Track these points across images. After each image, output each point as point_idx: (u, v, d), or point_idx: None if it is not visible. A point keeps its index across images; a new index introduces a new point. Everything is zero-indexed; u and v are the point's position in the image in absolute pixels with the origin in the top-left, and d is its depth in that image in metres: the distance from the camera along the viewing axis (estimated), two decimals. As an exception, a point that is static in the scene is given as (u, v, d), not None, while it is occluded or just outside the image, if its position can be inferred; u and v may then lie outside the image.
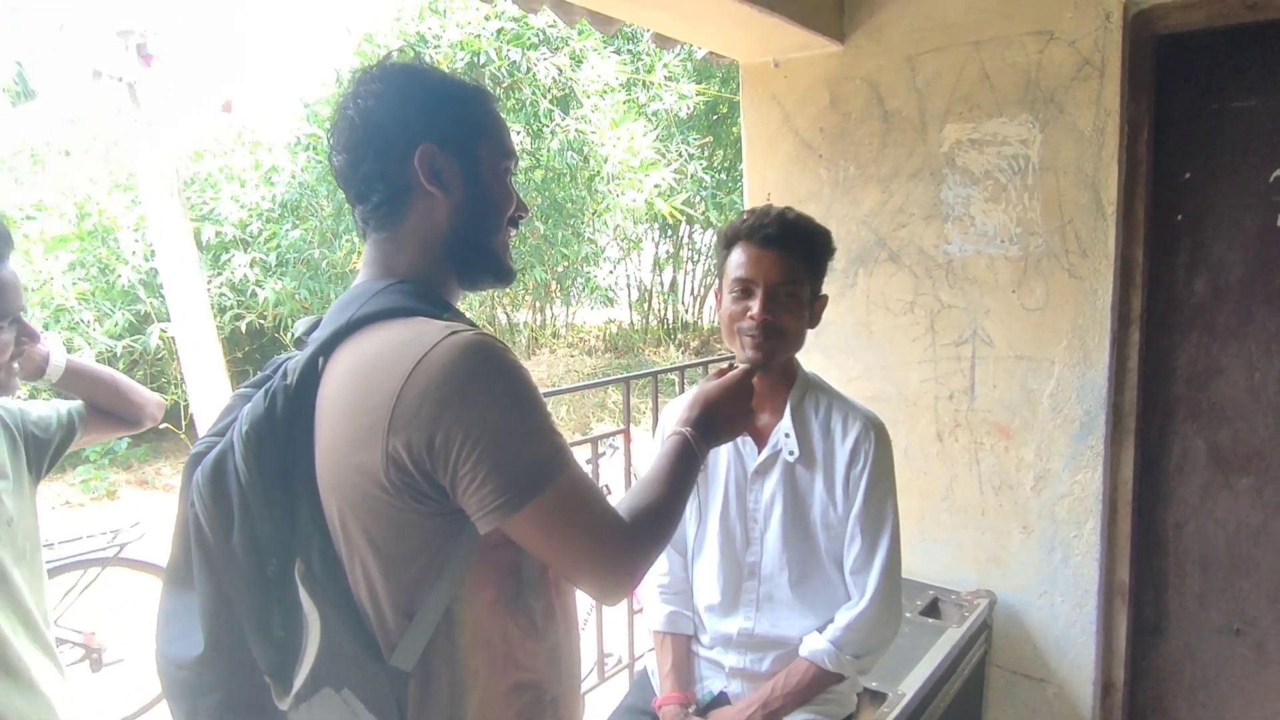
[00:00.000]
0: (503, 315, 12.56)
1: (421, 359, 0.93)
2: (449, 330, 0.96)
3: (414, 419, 0.92)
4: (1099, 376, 2.16)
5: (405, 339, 0.97)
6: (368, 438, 0.95)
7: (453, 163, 1.08)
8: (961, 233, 2.30)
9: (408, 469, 0.93)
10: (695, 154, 9.96)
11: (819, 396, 1.68)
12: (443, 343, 0.94)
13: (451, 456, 0.92)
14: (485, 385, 0.94)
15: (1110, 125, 2.06)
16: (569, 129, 7.97)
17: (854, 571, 1.62)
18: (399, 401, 0.92)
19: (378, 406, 0.94)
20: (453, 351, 0.93)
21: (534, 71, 7.46)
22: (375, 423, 0.94)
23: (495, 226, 1.14)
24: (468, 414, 0.92)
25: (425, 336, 0.95)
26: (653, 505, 1.10)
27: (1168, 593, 2.28)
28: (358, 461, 0.96)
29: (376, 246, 1.11)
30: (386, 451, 0.93)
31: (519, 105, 8.09)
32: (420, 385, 0.92)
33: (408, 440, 0.92)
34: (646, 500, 1.10)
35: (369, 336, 1.00)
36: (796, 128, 2.54)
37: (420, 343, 0.95)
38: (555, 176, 8.98)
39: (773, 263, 1.56)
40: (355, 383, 0.98)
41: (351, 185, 1.10)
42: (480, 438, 0.92)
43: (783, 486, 1.66)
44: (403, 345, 0.96)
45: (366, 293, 1.06)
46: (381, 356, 0.97)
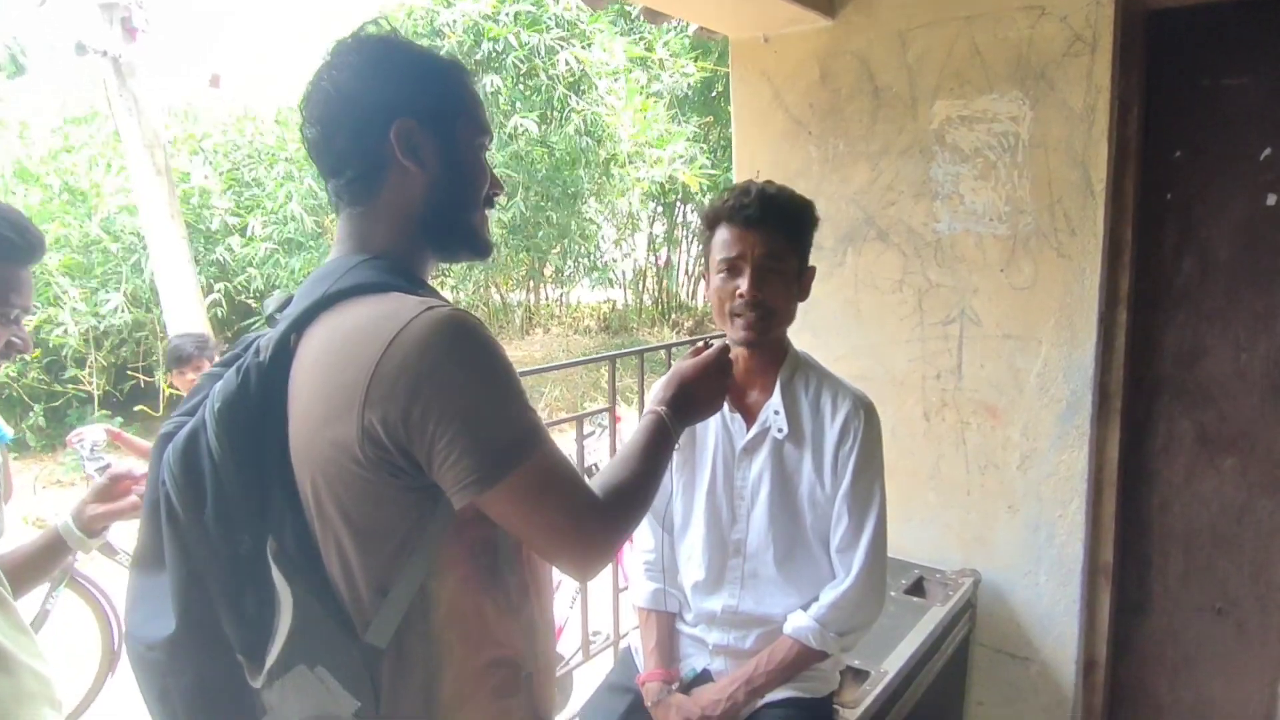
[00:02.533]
0: (497, 295, 12.53)
1: (398, 334, 0.92)
2: (425, 306, 0.95)
3: (390, 393, 0.91)
4: (1086, 356, 2.15)
5: (381, 314, 0.96)
6: (343, 412, 0.94)
7: (429, 138, 1.06)
8: (951, 211, 2.29)
9: (383, 443, 0.92)
10: (697, 134, 9.93)
11: (809, 374, 1.67)
12: (419, 318, 0.93)
13: (427, 432, 0.92)
14: (461, 361, 0.93)
15: (1101, 102, 2.04)
16: (584, 111, 7.94)
17: (840, 550, 1.62)
18: (375, 375, 0.91)
19: (353, 381, 0.93)
20: (429, 326, 0.92)
21: (552, 57, 7.41)
22: (351, 397, 0.93)
23: (472, 202, 1.13)
24: (444, 389, 0.91)
25: (401, 312, 0.94)
26: (625, 483, 1.10)
27: (1151, 572, 2.29)
28: (332, 435, 0.95)
29: (350, 221, 1.09)
30: (362, 425, 0.92)
31: (534, 91, 8.05)
32: (397, 360, 0.91)
33: (383, 414, 0.91)
34: (619, 478, 1.10)
35: (344, 312, 0.99)
36: (786, 104, 2.51)
37: (397, 318, 0.93)
38: (567, 163, 8.95)
39: (757, 240, 1.55)
40: (330, 358, 0.97)
41: (325, 159, 1.08)
42: (456, 413, 0.91)
43: (771, 464, 1.65)
44: (379, 320, 0.95)
45: (340, 268, 1.04)
46: (357, 331, 0.96)
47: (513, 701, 1.10)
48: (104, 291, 7.23)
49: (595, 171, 9.02)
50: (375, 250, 1.06)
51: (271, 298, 1.16)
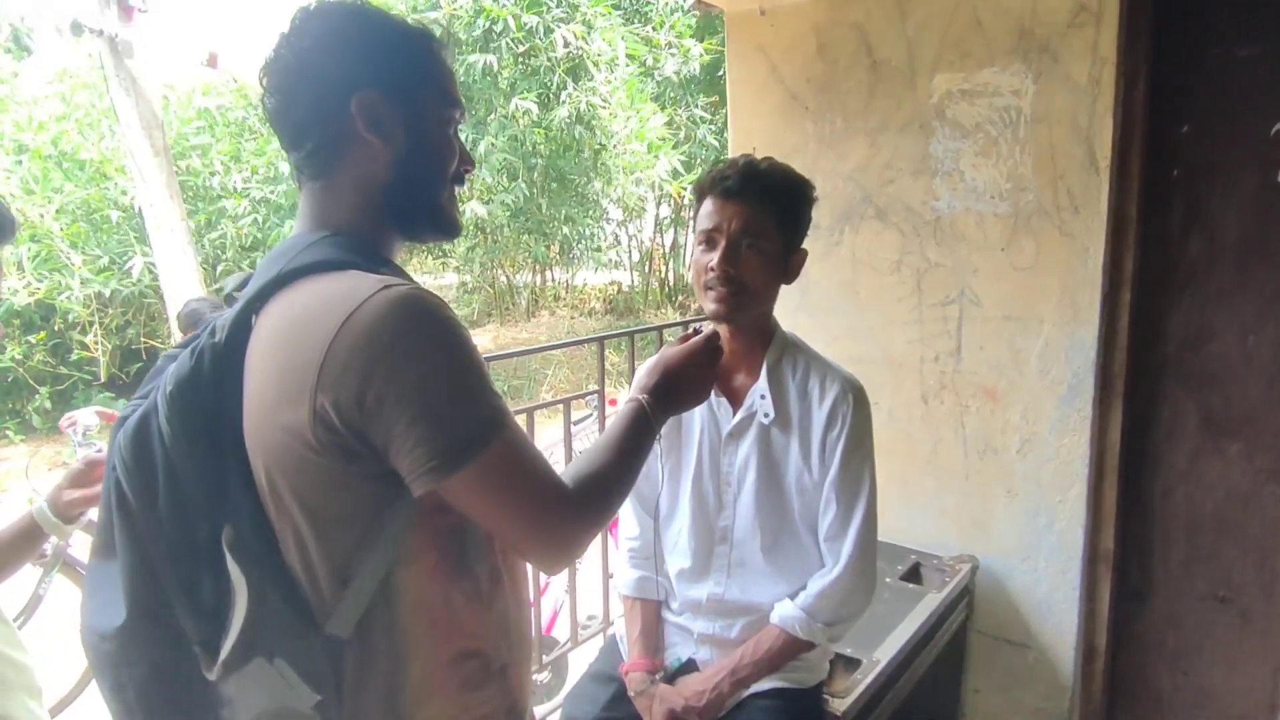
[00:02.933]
0: (503, 277, 12.48)
1: (352, 314, 0.88)
2: (382, 285, 0.91)
3: (343, 376, 0.87)
4: (1088, 338, 2.09)
5: (336, 293, 0.92)
6: (295, 395, 0.90)
7: (393, 110, 1.02)
8: (950, 188, 2.22)
9: (336, 428, 0.89)
10: (704, 118, 9.82)
11: (797, 357, 1.62)
12: (375, 297, 0.89)
13: (383, 416, 0.88)
14: (419, 342, 0.89)
15: (1106, 75, 1.97)
16: (579, 100, 7.84)
17: (828, 539, 1.58)
18: (328, 358, 0.88)
19: (305, 363, 0.89)
20: (385, 306, 0.88)
21: (551, 39, 7.31)
22: (303, 380, 0.89)
23: (438, 179, 1.08)
24: (399, 371, 0.88)
25: (357, 291, 0.90)
26: (599, 473, 1.06)
27: (1153, 559, 2.23)
28: (284, 420, 0.91)
29: (311, 196, 1.05)
30: (314, 410, 0.89)
31: (533, 72, 7.96)
32: (350, 341, 0.87)
33: (336, 398, 0.88)
34: (593, 468, 1.06)
35: (299, 291, 0.95)
36: (783, 78, 2.44)
37: (351, 297, 0.89)
38: (562, 149, 8.87)
39: (734, 213, 1.50)
40: (283, 339, 0.93)
41: (285, 130, 1.04)
42: (412, 397, 0.88)
43: (757, 449, 1.60)
44: (333, 300, 0.91)
45: (298, 245, 1.00)
46: (310, 311, 0.92)
47: (483, 694, 1.06)
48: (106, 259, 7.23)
49: (586, 160, 8.95)
50: (336, 227, 1.02)
51: (231, 276, 1.12)
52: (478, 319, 12.30)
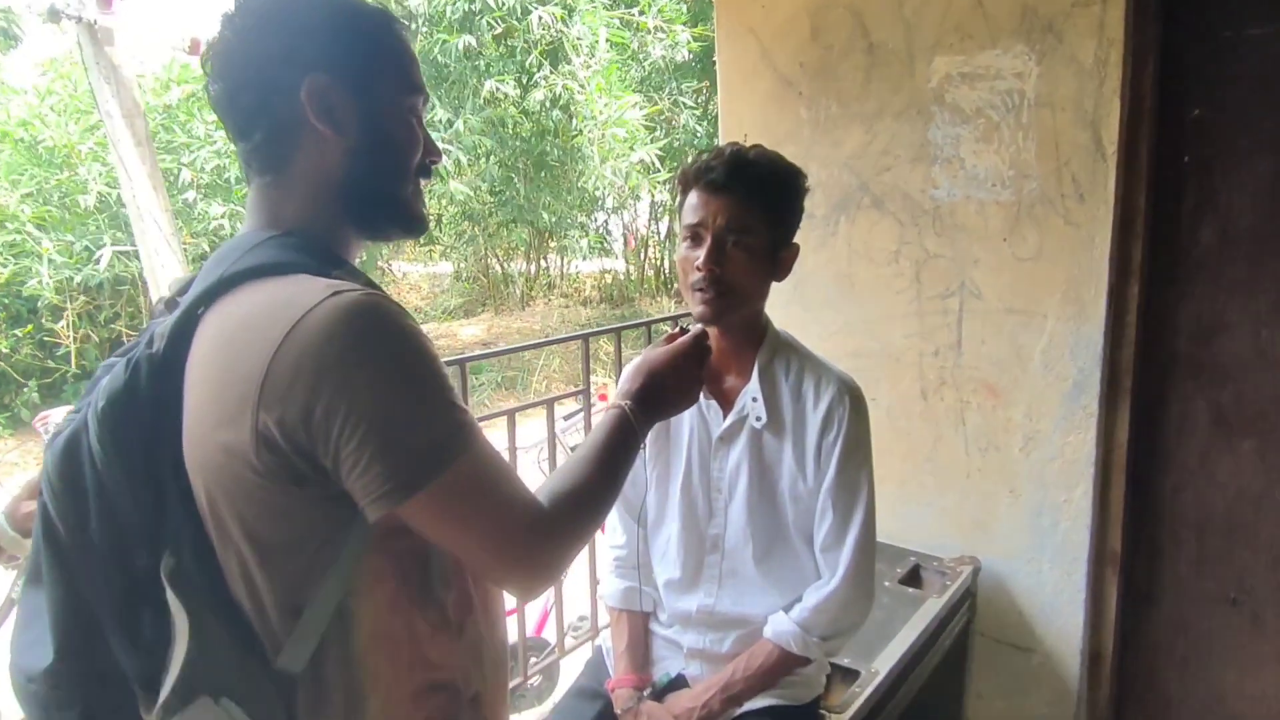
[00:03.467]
0: (497, 265, 12.37)
1: (298, 322, 0.80)
2: (331, 290, 0.82)
3: (288, 391, 0.79)
4: (1094, 332, 2.01)
5: (280, 299, 0.83)
6: (235, 413, 0.81)
7: (346, 97, 0.93)
8: (950, 176, 2.13)
9: (280, 448, 0.80)
10: (689, 103, 9.68)
11: (790, 357, 1.53)
12: (323, 304, 0.80)
13: (333, 434, 0.80)
14: (371, 352, 0.81)
15: (1114, 56, 1.88)
16: (556, 85, 7.70)
17: (824, 548, 1.49)
18: (270, 371, 0.79)
19: (246, 376, 0.81)
20: (334, 313, 0.80)
21: (528, 20, 7.17)
22: (243, 395, 0.81)
23: (399, 172, 0.99)
24: (350, 385, 0.79)
25: (303, 296, 0.82)
26: (578, 489, 0.98)
27: (1161, 560, 2.16)
28: (225, 440, 0.83)
29: (261, 192, 0.96)
30: (256, 428, 0.80)
31: (509, 54, 7.82)
32: (295, 352, 0.79)
33: (280, 415, 0.79)
34: (571, 483, 0.98)
35: (241, 297, 0.87)
36: (775, 63, 2.35)
37: (297, 303, 0.81)
38: (541, 132, 8.73)
39: (720, 208, 1.40)
40: (222, 350, 0.85)
41: (231, 119, 0.95)
42: (365, 412, 0.79)
43: (749, 455, 1.52)
44: (277, 306, 0.82)
45: (243, 246, 0.92)
46: (252, 319, 0.83)
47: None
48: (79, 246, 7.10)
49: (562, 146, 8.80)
50: (286, 225, 0.94)
51: (173, 279, 1.03)
52: (471, 308, 12.21)
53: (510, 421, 1.95)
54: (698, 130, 10.03)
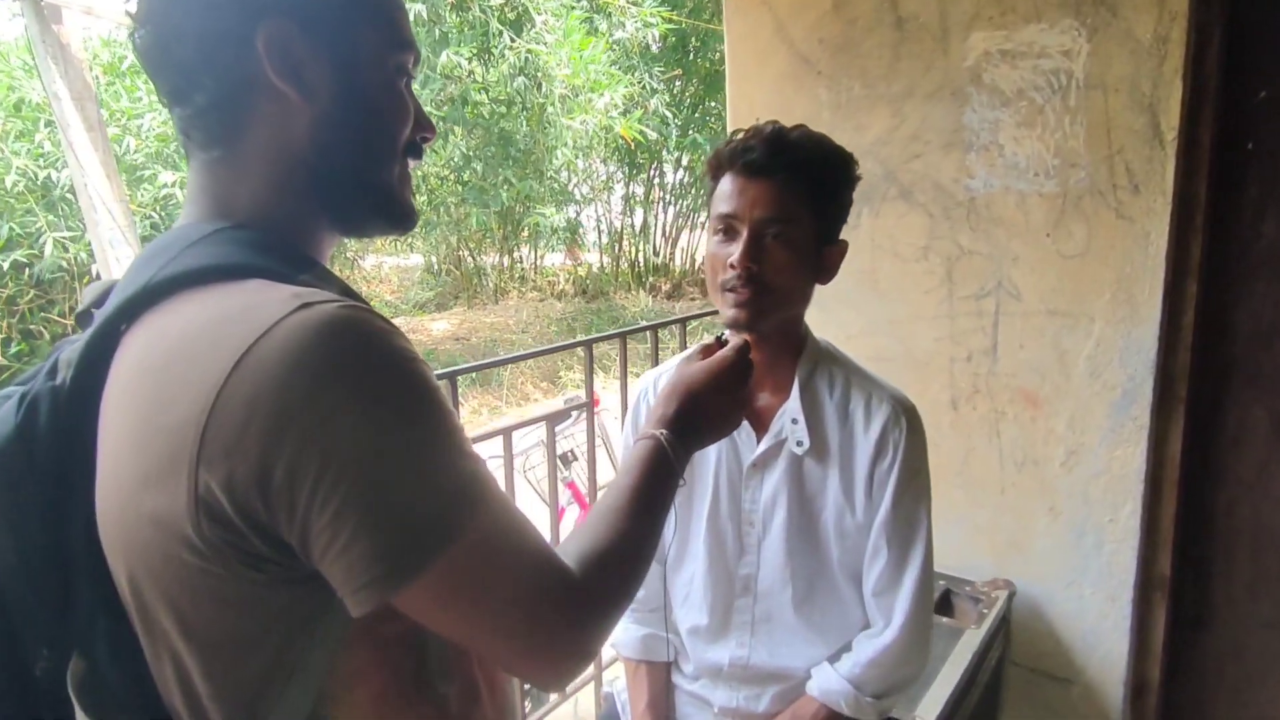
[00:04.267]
0: (469, 258, 12.06)
1: (253, 345, 0.58)
2: (298, 301, 0.60)
3: (238, 441, 0.57)
4: (1147, 336, 1.82)
5: (229, 314, 0.61)
6: (166, 471, 0.59)
7: (316, 49, 0.71)
8: (987, 165, 1.94)
9: (228, 519, 0.59)
10: (659, 88, 9.42)
11: (834, 371, 1.33)
12: (287, 321, 0.59)
13: (301, 500, 0.58)
14: (354, 386, 0.59)
15: (1176, 32, 1.69)
16: (520, 50, 7.36)
17: (878, 592, 1.29)
18: (215, 413, 0.58)
19: (181, 422, 0.59)
20: (302, 333, 0.58)
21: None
22: (177, 448, 0.59)
23: (384, 149, 0.77)
24: (325, 432, 0.58)
25: (260, 311, 0.60)
26: (614, 546, 0.76)
27: (1212, 581, 1.99)
28: (151, 508, 0.61)
29: (205, 171, 0.73)
30: (194, 493, 0.59)
31: (469, 25, 7.49)
32: (249, 387, 0.57)
33: (228, 475, 0.58)
34: (604, 540, 0.76)
35: (176, 310, 0.64)
36: (791, 39, 2.13)
37: (252, 320, 0.59)
38: (504, 107, 8.37)
39: (760, 195, 1.20)
40: (149, 383, 0.62)
41: (164, 76, 0.72)
42: (345, 470, 0.58)
43: (788, 484, 1.31)
44: (224, 324, 0.60)
45: (181, 240, 0.68)
46: (190, 341, 0.61)
47: None
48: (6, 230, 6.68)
49: (531, 118, 8.42)
50: (238, 215, 0.71)
51: (90, 287, 0.79)
52: (443, 301, 11.90)
53: (506, 441, 1.72)
54: (668, 117, 9.78)
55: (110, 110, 7.07)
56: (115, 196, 5.57)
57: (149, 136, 7.00)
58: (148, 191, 7.06)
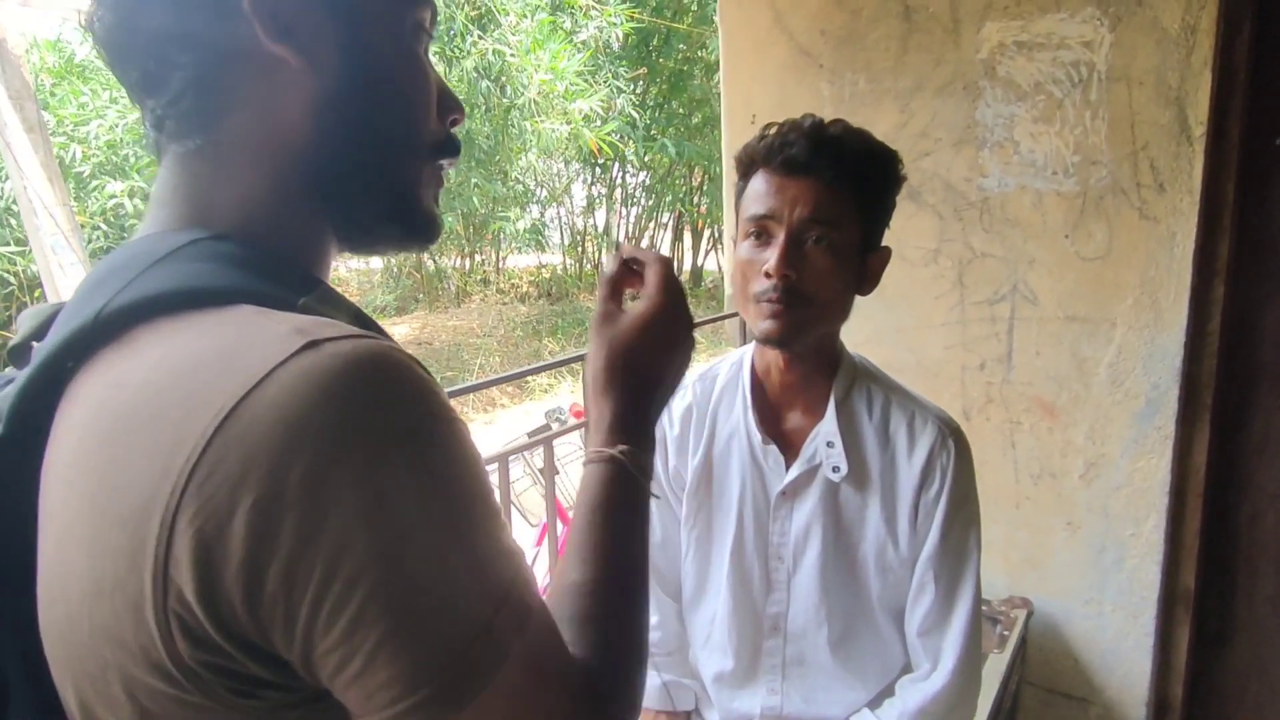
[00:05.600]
0: (430, 261, 11.81)
1: (238, 406, 0.43)
2: (301, 339, 0.45)
3: (218, 537, 0.42)
4: (1172, 342, 1.74)
5: (205, 359, 0.46)
6: (123, 577, 0.45)
7: (318, 5, 0.56)
8: (1002, 162, 1.84)
9: (208, 637, 0.44)
10: (624, 88, 9.28)
11: (872, 389, 1.21)
12: (286, 368, 0.44)
13: (300, 611, 0.43)
14: (374, 457, 0.44)
15: (1205, 21, 1.60)
16: (485, 49, 7.15)
17: (924, 632, 1.17)
18: (186, 500, 0.43)
19: (141, 511, 0.44)
20: (307, 386, 0.43)
21: None
22: (136, 546, 0.44)
23: (403, 134, 0.61)
24: (334, 521, 0.42)
25: (249, 355, 0.45)
26: (614, 611, 0.60)
27: (1236, 595, 1.91)
28: (107, 623, 0.46)
29: (179, 167, 0.57)
30: (163, 604, 0.44)
31: None
32: (234, 465, 0.42)
33: (206, 579, 0.43)
34: (602, 607, 0.59)
35: (137, 351, 0.49)
36: (790, 29, 2.02)
37: (238, 368, 0.44)
38: (470, 109, 8.17)
39: (801, 193, 1.07)
40: (101, 457, 0.47)
41: (131, 62, 0.56)
42: (364, 571, 0.43)
43: (823, 514, 1.19)
44: (199, 374, 0.45)
45: (145, 256, 0.53)
46: (154, 399, 0.46)
47: None
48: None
49: (493, 121, 8.20)
50: (220, 221, 0.55)
51: (25, 313, 0.63)
52: (404, 304, 11.64)
53: (503, 470, 1.57)
54: (635, 117, 9.66)
55: (58, 117, 6.75)
56: (58, 200, 5.30)
57: (97, 144, 6.68)
58: (96, 202, 6.75)
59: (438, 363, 9.10)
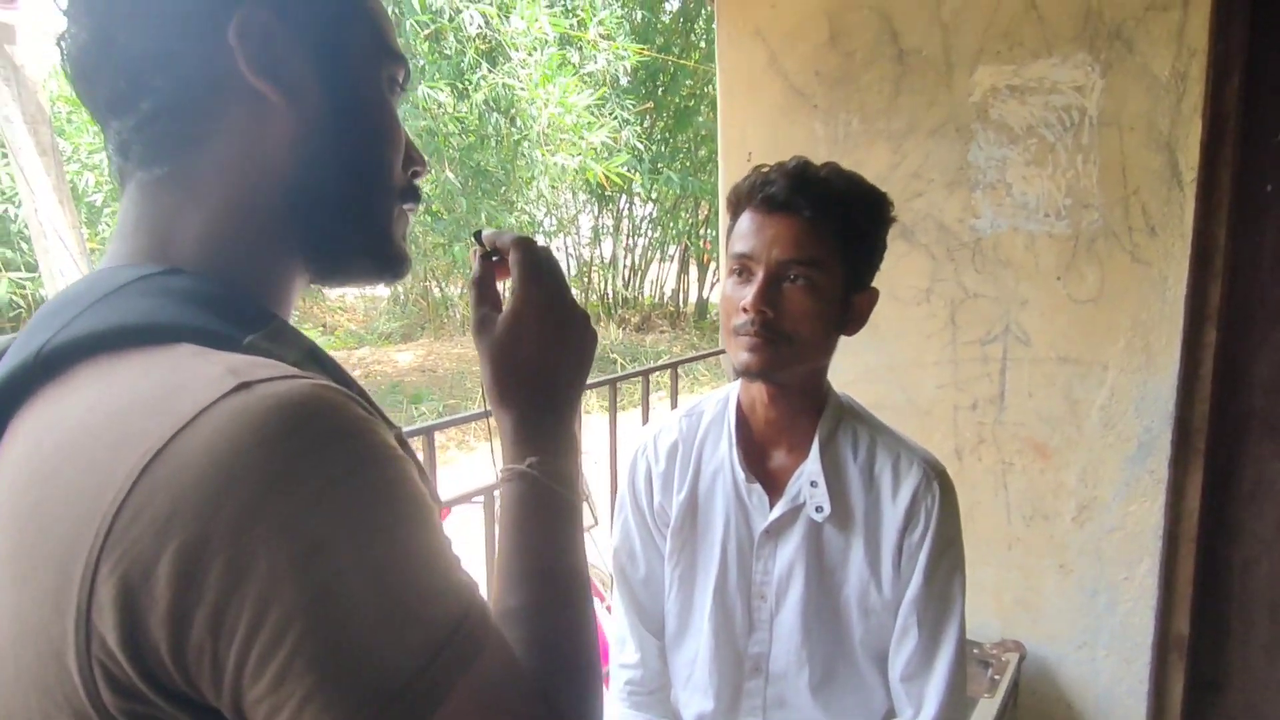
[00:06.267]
0: (436, 289, 11.86)
1: (164, 448, 0.42)
2: (233, 380, 0.44)
3: (142, 582, 0.41)
4: (1165, 385, 1.74)
5: (139, 399, 0.46)
6: (47, 621, 0.44)
7: (300, 44, 0.57)
8: (994, 204, 1.85)
9: (132, 686, 0.43)
10: (631, 120, 9.38)
11: (858, 430, 1.21)
12: (216, 409, 0.43)
13: (228, 659, 0.42)
14: (306, 504, 0.43)
15: (1195, 69, 1.62)
16: (495, 83, 7.25)
17: (907, 677, 1.16)
18: (110, 543, 0.42)
19: (66, 554, 0.43)
20: (234, 427, 0.43)
21: (460, 19, 6.74)
22: (60, 590, 0.43)
23: (377, 174, 0.61)
24: (262, 568, 0.42)
25: (180, 396, 0.44)
26: (549, 638, 0.58)
27: (1229, 642, 1.89)
28: (32, 669, 0.45)
29: (145, 198, 0.57)
30: (86, 651, 0.43)
31: (443, 58, 7.39)
32: (160, 506, 0.42)
33: (128, 626, 0.42)
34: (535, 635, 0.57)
35: (75, 390, 0.49)
36: (785, 70, 2.04)
37: (168, 409, 0.44)
38: (479, 141, 8.25)
39: (779, 232, 1.08)
40: (31, 498, 0.46)
41: (101, 81, 0.56)
42: (291, 621, 0.42)
43: (805, 554, 1.18)
44: (131, 415, 0.45)
45: (95, 290, 0.52)
46: (87, 439, 0.46)
47: None
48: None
49: (502, 153, 8.28)
50: (179, 255, 0.55)
51: None
52: (410, 332, 11.68)
53: (488, 503, 1.57)
54: (640, 148, 9.75)
55: (73, 144, 6.84)
56: (68, 224, 5.34)
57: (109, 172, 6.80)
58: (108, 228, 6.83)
59: (441, 390, 9.09)
